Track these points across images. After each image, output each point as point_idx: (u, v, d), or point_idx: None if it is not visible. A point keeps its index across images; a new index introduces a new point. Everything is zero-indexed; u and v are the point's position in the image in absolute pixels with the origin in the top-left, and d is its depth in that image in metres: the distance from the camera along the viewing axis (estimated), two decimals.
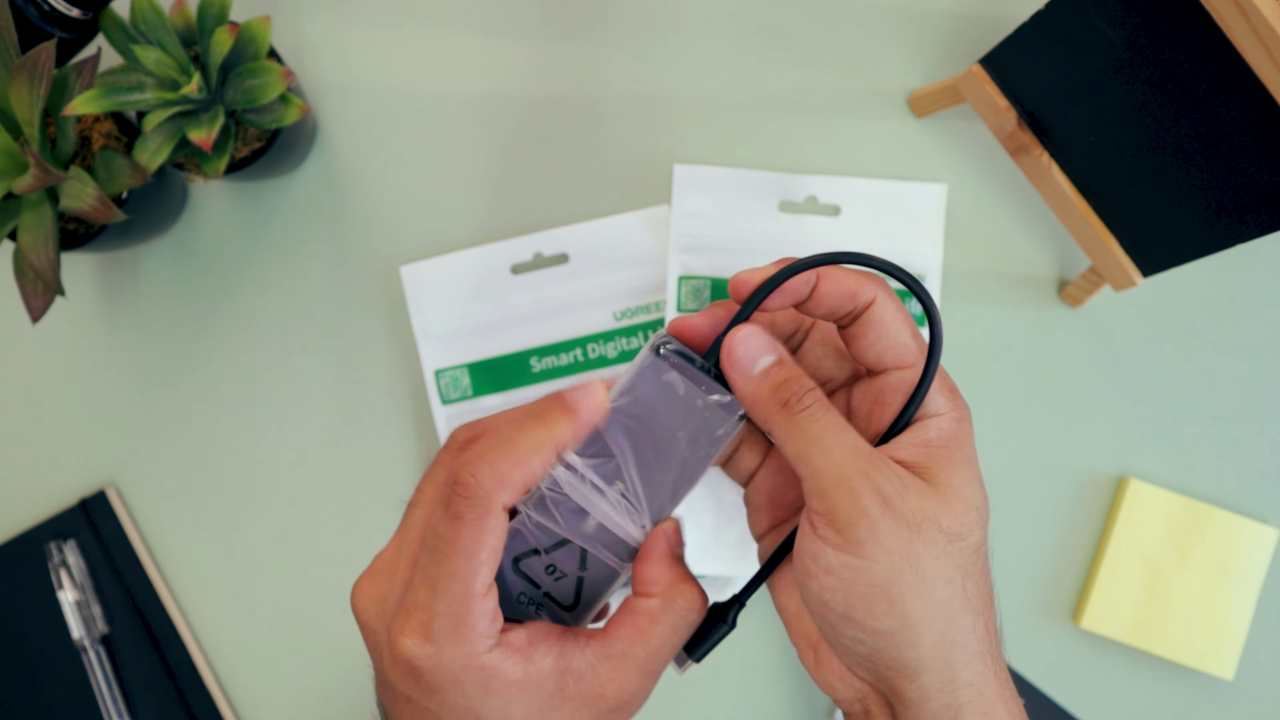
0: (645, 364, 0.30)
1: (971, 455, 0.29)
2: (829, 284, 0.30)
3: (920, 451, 0.28)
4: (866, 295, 0.29)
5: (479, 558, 0.27)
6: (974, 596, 0.28)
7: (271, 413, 0.58)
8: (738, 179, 0.57)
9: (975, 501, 0.28)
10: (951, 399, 0.30)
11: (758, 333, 0.29)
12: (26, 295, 0.47)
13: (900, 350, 0.29)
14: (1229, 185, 0.45)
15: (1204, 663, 0.56)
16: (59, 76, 0.46)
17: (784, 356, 0.29)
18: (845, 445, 0.27)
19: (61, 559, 0.56)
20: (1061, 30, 0.46)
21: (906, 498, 0.27)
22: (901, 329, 0.30)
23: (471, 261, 0.57)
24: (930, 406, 0.29)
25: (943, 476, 0.28)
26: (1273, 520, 0.57)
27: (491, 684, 0.27)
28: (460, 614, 0.27)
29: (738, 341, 0.29)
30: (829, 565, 0.27)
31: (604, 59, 0.58)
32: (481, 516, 0.28)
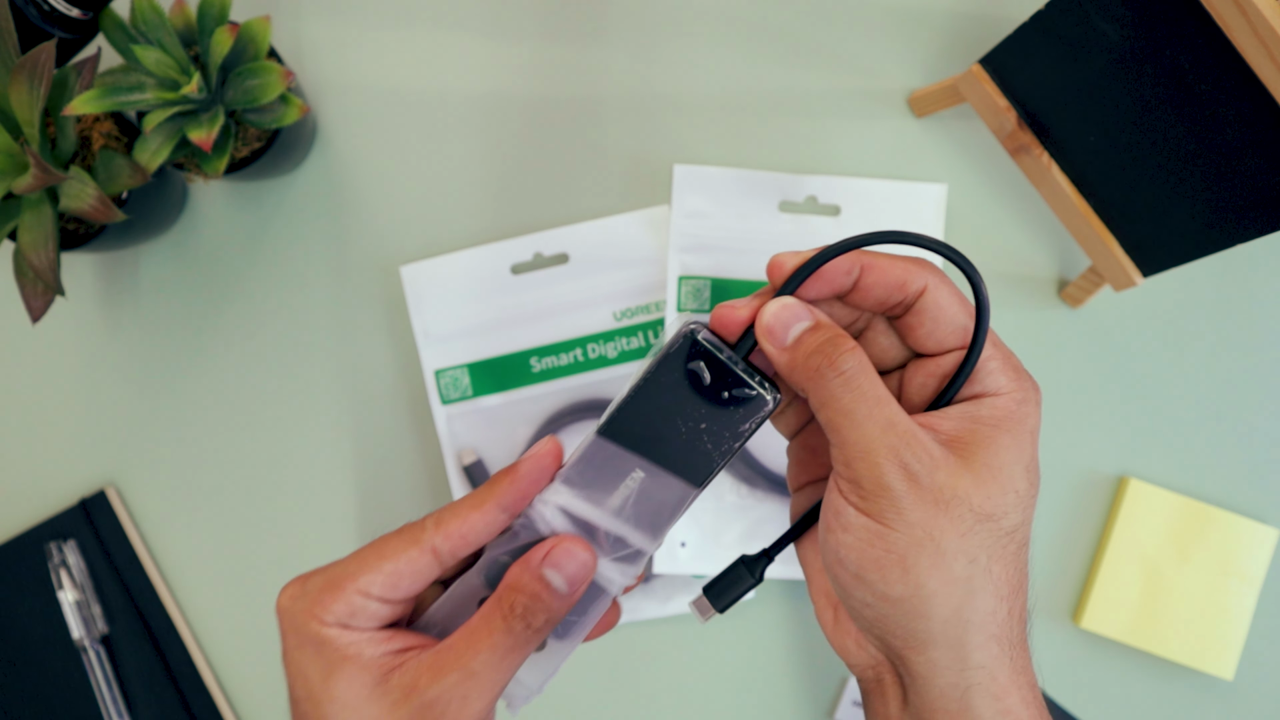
0: (671, 350, 0.29)
1: (1025, 438, 0.28)
2: (874, 275, 0.29)
3: (967, 426, 0.28)
4: (917, 284, 0.29)
5: (382, 564, 0.29)
6: (1000, 579, 0.27)
7: (271, 413, 0.58)
8: (738, 179, 0.57)
9: (1016, 484, 0.27)
10: (1016, 379, 0.29)
11: (791, 302, 0.28)
12: (26, 295, 0.47)
13: (960, 333, 0.29)
14: (1229, 185, 0.45)
15: (1204, 663, 0.56)
16: (59, 76, 0.46)
17: (821, 320, 0.28)
18: (878, 420, 0.27)
19: (61, 559, 0.56)
20: (1061, 30, 0.46)
21: (936, 474, 0.27)
22: (958, 311, 0.29)
23: (471, 261, 0.57)
24: (992, 384, 0.28)
25: (983, 455, 0.27)
26: (1273, 520, 0.57)
27: (324, 648, 0.29)
28: (338, 582, 0.29)
29: (769, 312, 0.28)
30: (849, 523, 0.27)
31: (604, 59, 0.58)
32: (409, 542, 0.29)
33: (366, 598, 0.29)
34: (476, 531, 0.29)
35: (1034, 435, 0.28)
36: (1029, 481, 0.28)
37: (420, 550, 0.29)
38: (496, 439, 0.57)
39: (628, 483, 0.30)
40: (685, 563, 0.56)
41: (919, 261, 0.29)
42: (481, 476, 0.56)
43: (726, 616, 0.57)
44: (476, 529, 0.29)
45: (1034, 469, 0.28)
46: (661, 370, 0.29)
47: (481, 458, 0.57)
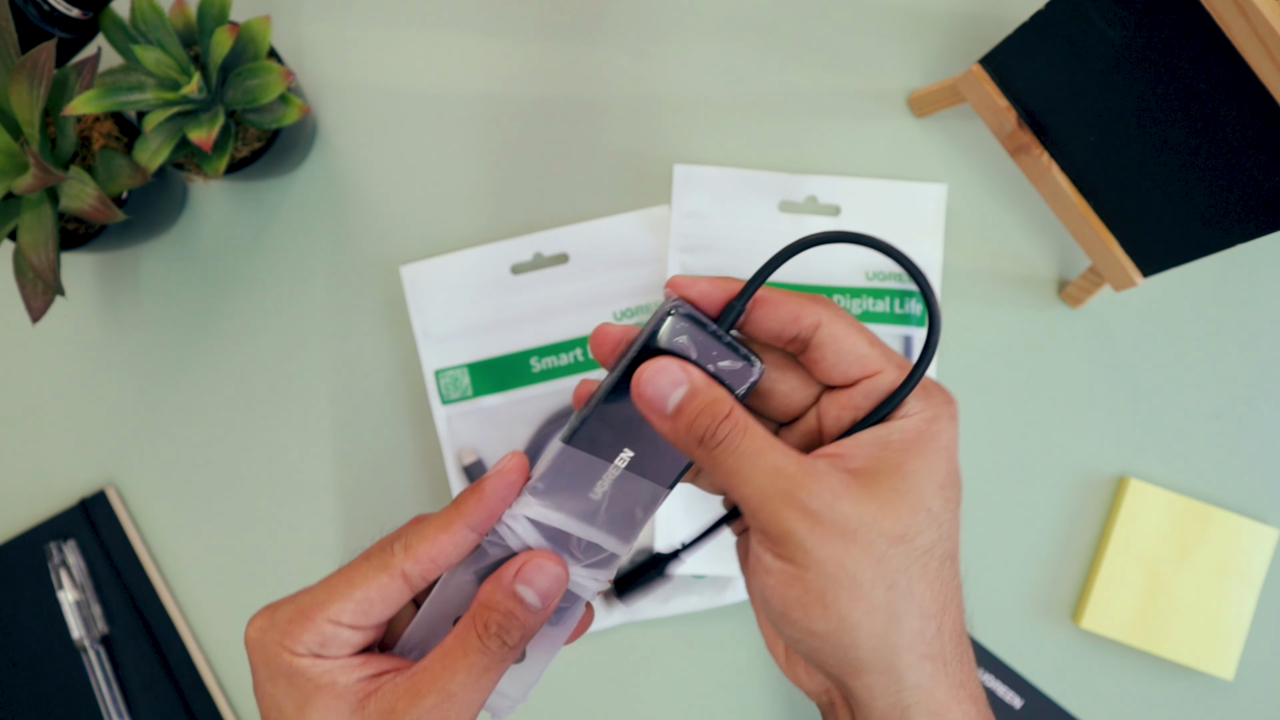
0: (659, 325, 0.29)
1: (937, 455, 0.28)
2: (765, 309, 0.29)
3: (875, 452, 0.28)
4: (810, 319, 0.29)
5: (351, 591, 0.29)
6: (924, 598, 0.27)
7: (271, 413, 0.58)
8: (738, 179, 0.57)
9: (928, 502, 0.28)
10: (925, 399, 0.29)
11: (664, 366, 0.28)
12: (26, 295, 0.47)
13: (863, 361, 0.29)
14: (1229, 185, 0.45)
15: (1204, 663, 0.56)
16: (59, 76, 0.46)
17: (694, 383, 0.28)
18: (766, 469, 0.27)
19: (61, 559, 0.56)
20: (1061, 30, 0.46)
21: (839, 506, 0.27)
22: (857, 341, 0.29)
23: (471, 261, 0.57)
24: (902, 406, 0.29)
25: (890, 480, 0.27)
26: (1273, 520, 0.57)
27: (296, 679, 0.28)
28: (307, 612, 0.29)
29: (644, 382, 0.28)
30: (768, 566, 0.28)
31: (604, 59, 0.58)
32: (377, 568, 0.29)
33: (337, 626, 0.29)
34: (445, 553, 0.29)
35: (949, 451, 0.28)
36: (944, 498, 0.28)
37: (390, 576, 0.29)
38: (496, 439, 0.57)
39: (599, 487, 0.30)
40: (686, 564, 0.56)
41: (814, 298, 0.29)
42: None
43: (727, 616, 0.57)
44: (445, 551, 0.29)
45: (950, 484, 0.28)
46: (634, 363, 0.29)
47: (481, 458, 0.57)
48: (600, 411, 0.30)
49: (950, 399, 0.29)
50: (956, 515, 0.29)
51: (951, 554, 0.28)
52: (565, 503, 0.30)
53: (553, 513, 0.30)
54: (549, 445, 0.31)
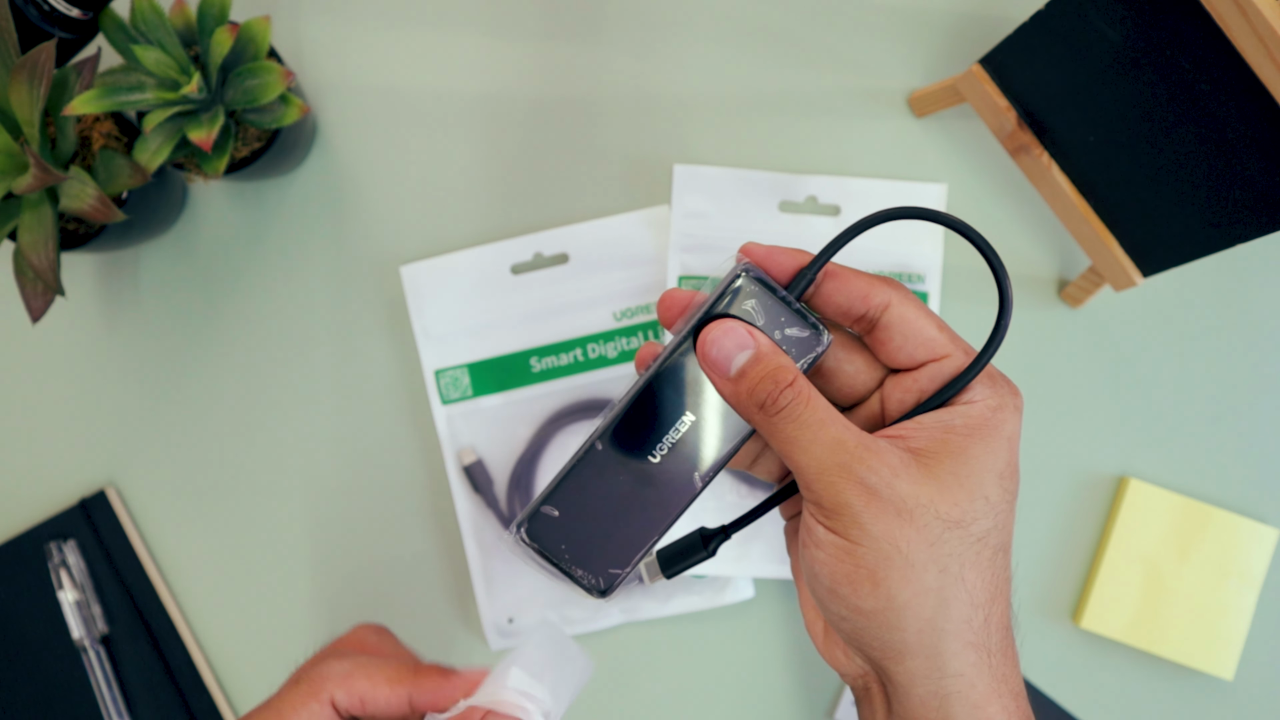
0: (727, 288, 0.29)
1: (999, 444, 0.28)
2: (835, 283, 0.29)
3: (938, 435, 0.28)
4: (880, 298, 0.29)
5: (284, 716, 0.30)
6: (974, 587, 0.27)
7: (271, 413, 0.58)
8: (738, 179, 0.57)
9: (986, 490, 0.27)
10: (992, 386, 0.29)
11: (731, 328, 0.28)
12: (26, 295, 0.47)
13: (931, 345, 0.29)
14: (1229, 185, 0.45)
15: (1204, 663, 0.56)
16: (59, 76, 0.46)
17: (760, 348, 0.28)
18: (825, 441, 0.27)
19: (61, 559, 0.56)
20: (1061, 30, 0.46)
21: (896, 485, 0.27)
22: (926, 324, 0.29)
23: (471, 261, 0.57)
24: (965, 394, 0.28)
25: (950, 463, 0.27)
26: (1273, 520, 0.57)
27: None
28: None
29: (709, 343, 0.28)
30: (820, 539, 0.27)
31: (604, 59, 0.58)
32: (308, 694, 0.30)
33: None
34: (379, 706, 0.30)
35: (1011, 442, 0.28)
36: (1002, 488, 0.28)
37: (320, 704, 0.30)
38: (496, 439, 0.57)
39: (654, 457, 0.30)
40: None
41: (884, 279, 0.29)
42: (481, 476, 0.56)
43: (727, 616, 0.57)
44: (379, 704, 0.30)
45: (1010, 475, 0.28)
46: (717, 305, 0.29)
47: (481, 458, 0.57)
48: (665, 373, 0.29)
49: (1016, 391, 0.29)
50: (1013, 508, 0.28)
51: (1005, 546, 0.28)
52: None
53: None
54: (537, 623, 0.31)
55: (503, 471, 0.57)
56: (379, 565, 0.58)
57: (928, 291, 0.57)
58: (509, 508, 0.57)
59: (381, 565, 0.58)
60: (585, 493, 0.29)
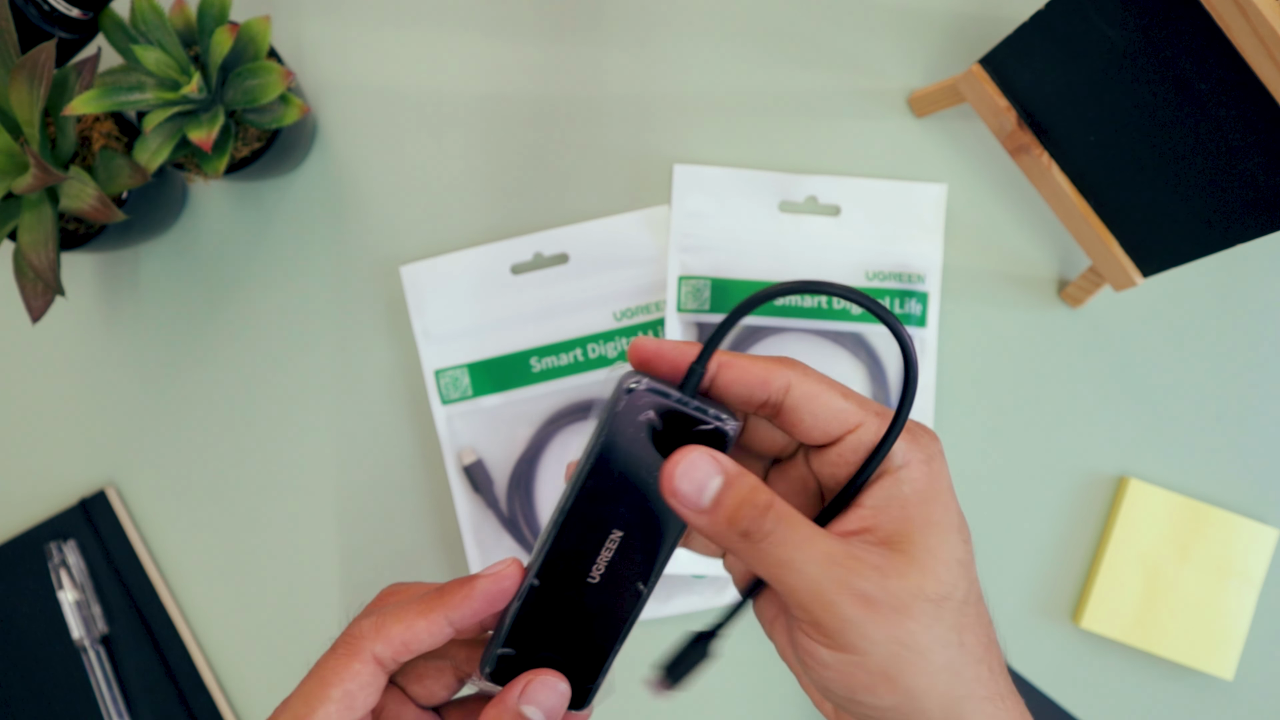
0: (617, 409, 0.28)
1: (947, 499, 0.28)
2: (731, 373, 0.28)
3: (896, 515, 0.27)
4: (779, 381, 0.28)
5: (329, 690, 0.28)
6: (973, 646, 0.27)
7: (271, 413, 0.58)
8: (738, 179, 0.57)
9: (956, 552, 0.27)
10: (912, 440, 0.28)
11: (697, 458, 0.27)
12: (26, 295, 0.47)
13: (842, 416, 0.28)
14: (1229, 185, 0.45)
15: (1204, 663, 0.56)
16: (59, 76, 0.46)
17: (730, 473, 0.27)
18: (816, 559, 0.26)
19: (61, 559, 0.56)
20: (1061, 30, 0.46)
21: (888, 585, 0.26)
22: (832, 397, 0.28)
23: (471, 261, 0.57)
24: (894, 458, 0.28)
25: (920, 539, 0.27)
26: (1273, 520, 0.57)
27: None
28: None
29: (677, 478, 0.27)
30: (825, 660, 0.27)
31: (604, 59, 0.58)
32: (348, 656, 0.28)
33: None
34: (419, 640, 0.29)
35: (951, 490, 0.28)
36: (963, 539, 0.28)
37: (361, 662, 0.29)
38: (496, 439, 0.57)
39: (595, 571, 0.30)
40: (686, 564, 0.56)
41: (780, 360, 0.28)
42: (481, 476, 0.56)
43: None
44: (420, 638, 0.29)
45: (963, 524, 0.28)
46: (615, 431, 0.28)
47: (481, 458, 0.57)
48: (581, 499, 0.29)
49: (932, 434, 0.29)
50: (972, 553, 0.28)
51: (980, 595, 0.28)
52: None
53: None
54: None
55: (503, 471, 0.57)
56: (379, 565, 0.58)
57: (928, 291, 0.57)
58: (509, 508, 0.57)
59: (381, 565, 0.58)
60: (536, 627, 0.30)
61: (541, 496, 0.57)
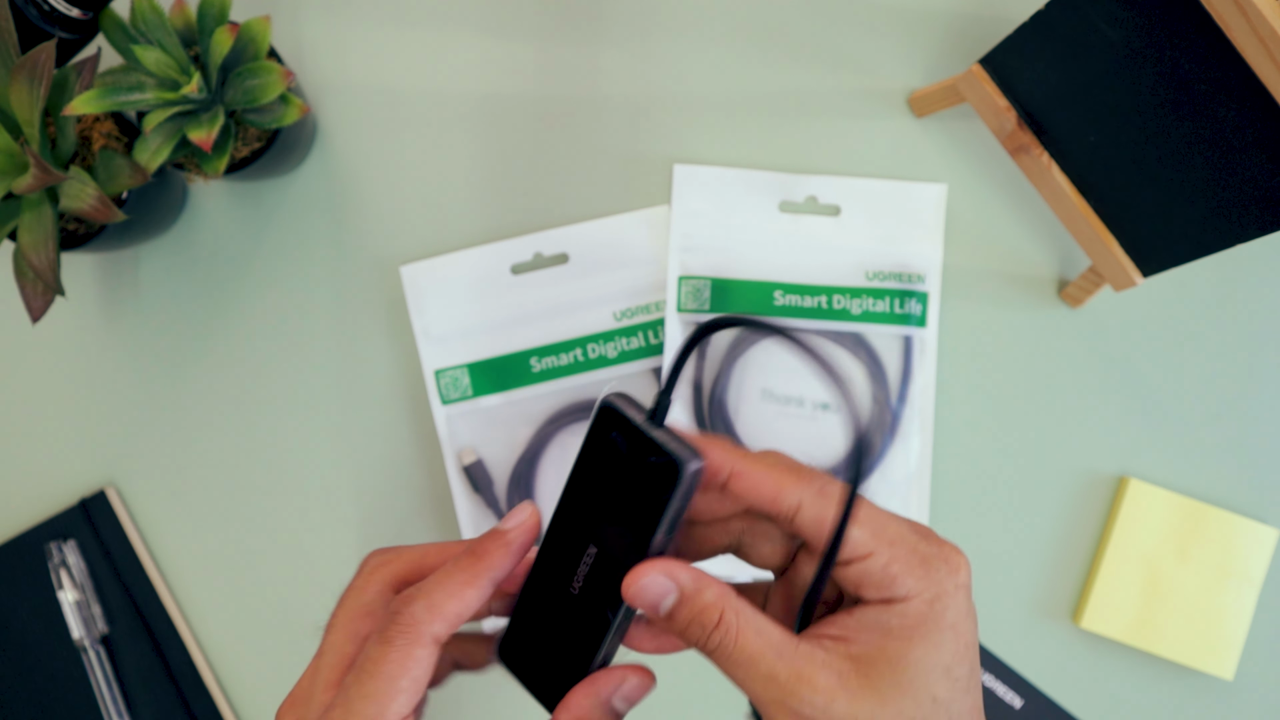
0: (592, 426, 0.29)
1: (942, 637, 0.27)
2: (743, 484, 0.28)
3: (877, 642, 0.27)
4: (789, 501, 0.27)
5: (399, 684, 0.28)
6: None
7: (271, 413, 0.58)
8: (738, 179, 0.57)
9: (934, 690, 0.26)
10: (925, 574, 0.27)
11: (652, 580, 0.28)
12: (26, 295, 0.47)
13: (853, 546, 0.27)
14: (1229, 185, 0.45)
15: (1204, 663, 0.56)
16: (59, 76, 0.46)
17: (684, 592, 0.28)
18: (759, 678, 0.27)
19: (61, 559, 0.56)
20: (1061, 30, 0.46)
21: (832, 710, 0.26)
22: (846, 527, 0.27)
23: (471, 261, 0.57)
24: (900, 589, 0.27)
25: (891, 673, 0.26)
26: (1273, 520, 0.57)
27: None
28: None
29: (634, 594, 0.28)
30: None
31: (603, 59, 0.58)
32: (410, 644, 0.28)
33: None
34: (471, 609, 0.29)
35: (954, 629, 0.27)
36: (951, 681, 0.27)
37: (424, 648, 0.29)
38: (496, 439, 0.57)
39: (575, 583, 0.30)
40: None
41: (797, 471, 0.28)
42: (481, 476, 0.56)
43: None
44: (471, 606, 0.29)
45: (960, 660, 0.27)
46: (589, 445, 0.29)
47: (481, 458, 0.57)
48: (563, 509, 0.29)
49: (955, 565, 0.28)
50: (971, 688, 0.27)
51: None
52: None
53: None
54: None
55: (503, 471, 0.57)
56: None
57: (928, 291, 0.57)
58: (509, 508, 0.57)
59: None
60: (531, 628, 0.31)
61: (542, 496, 0.57)
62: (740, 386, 0.57)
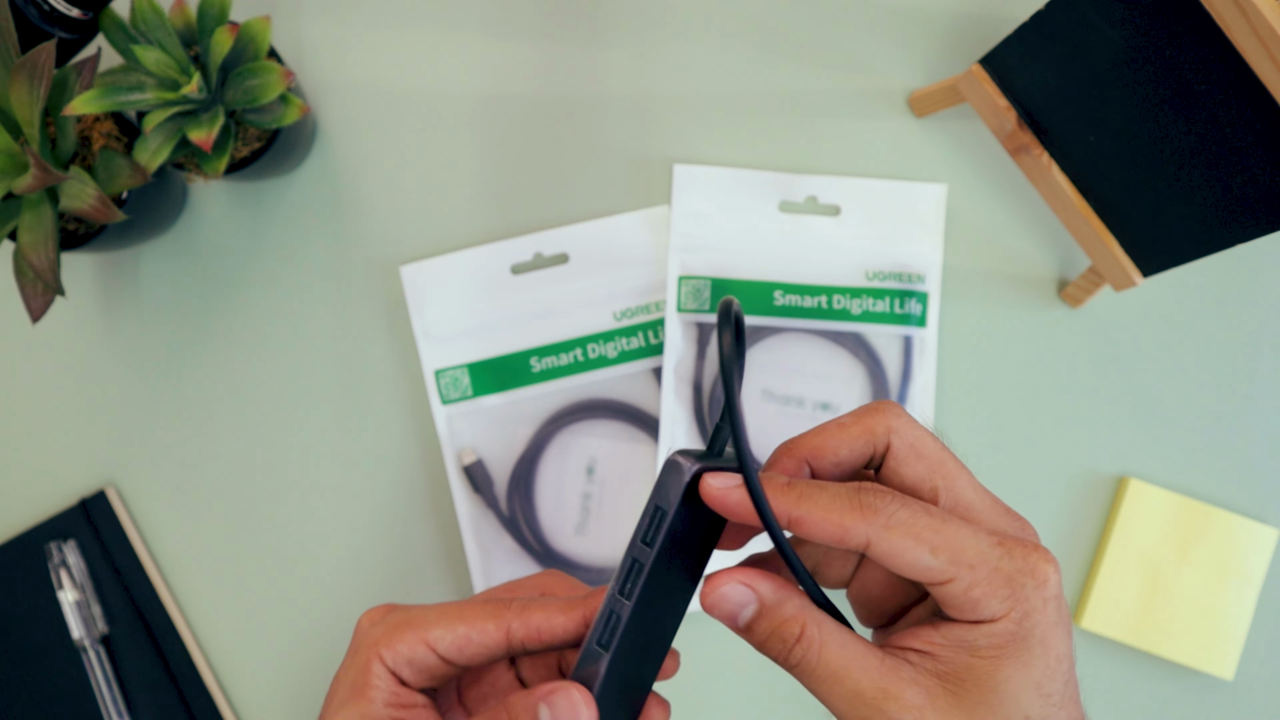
0: (668, 490, 0.28)
1: (1032, 655, 0.26)
2: (808, 529, 0.27)
3: (963, 659, 0.26)
4: (857, 539, 0.26)
5: (456, 625, 0.29)
6: None
7: (272, 413, 0.58)
8: (738, 179, 0.57)
9: (1026, 709, 0.26)
10: (1010, 593, 0.26)
11: (730, 589, 0.28)
12: (26, 295, 0.47)
13: (923, 573, 0.26)
14: (1229, 185, 0.45)
15: (1204, 663, 0.56)
16: (59, 76, 0.46)
17: (763, 603, 0.27)
18: (844, 695, 0.26)
19: (61, 559, 0.56)
20: (1061, 30, 0.46)
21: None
22: (915, 554, 0.26)
23: (471, 261, 0.57)
24: (985, 610, 0.26)
25: (978, 692, 0.26)
26: (1273, 520, 0.57)
27: (358, 680, 0.29)
28: (359, 681, 0.29)
29: (713, 605, 0.28)
30: None
31: (603, 59, 0.58)
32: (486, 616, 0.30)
33: (430, 650, 0.29)
34: (554, 634, 0.29)
35: (1045, 644, 0.26)
36: (1042, 697, 0.26)
37: (496, 626, 0.29)
38: (496, 439, 0.57)
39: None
40: None
41: (859, 507, 0.26)
42: (481, 476, 0.56)
43: None
44: (555, 632, 0.29)
45: (1051, 679, 0.26)
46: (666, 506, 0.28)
47: (481, 458, 0.57)
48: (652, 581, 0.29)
49: (1043, 577, 0.26)
50: (1067, 702, 0.27)
51: None
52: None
53: None
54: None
55: (503, 471, 0.57)
56: (378, 565, 0.58)
57: (928, 291, 0.57)
58: (509, 508, 0.57)
59: (381, 565, 0.58)
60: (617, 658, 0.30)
61: (541, 496, 0.57)
62: (740, 386, 0.57)
